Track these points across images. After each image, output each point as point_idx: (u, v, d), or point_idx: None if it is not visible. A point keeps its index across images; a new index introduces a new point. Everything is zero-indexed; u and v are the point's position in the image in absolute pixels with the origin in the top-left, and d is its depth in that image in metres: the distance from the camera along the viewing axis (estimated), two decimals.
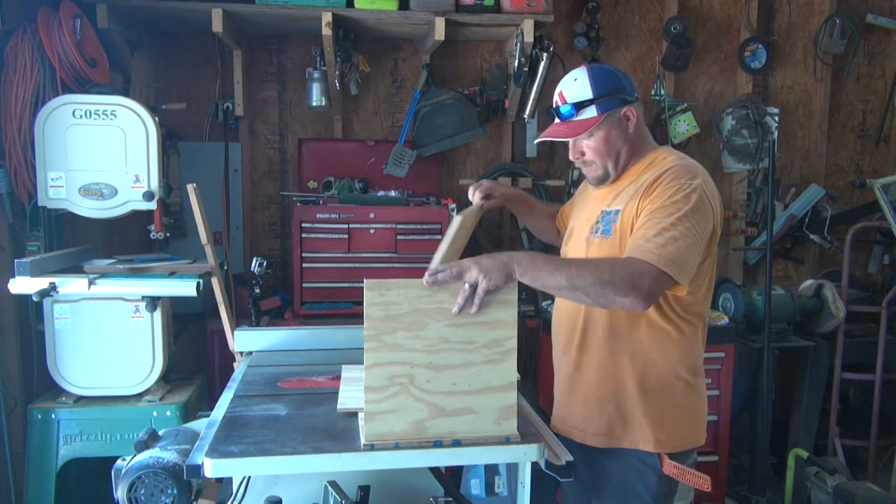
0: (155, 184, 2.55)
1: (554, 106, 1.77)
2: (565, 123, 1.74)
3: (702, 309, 1.72)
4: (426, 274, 1.37)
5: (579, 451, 1.75)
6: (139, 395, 2.65)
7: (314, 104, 3.31)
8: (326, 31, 3.01)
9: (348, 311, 3.12)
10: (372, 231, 3.13)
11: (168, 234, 2.80)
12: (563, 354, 1.84)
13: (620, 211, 1.68)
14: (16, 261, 2.41)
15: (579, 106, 1.70)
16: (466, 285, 1.37)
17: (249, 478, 1.68)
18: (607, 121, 1.70)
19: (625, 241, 1.62)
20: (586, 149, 1.74)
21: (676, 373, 1.69)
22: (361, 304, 1.33)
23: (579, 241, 1.81)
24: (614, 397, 1.71)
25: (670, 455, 1.67)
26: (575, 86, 1.72)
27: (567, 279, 1.45)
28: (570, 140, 1.75)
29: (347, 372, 1.76)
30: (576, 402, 1.79)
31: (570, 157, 1.79)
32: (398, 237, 3.15)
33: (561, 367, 1.86)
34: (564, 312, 1.83)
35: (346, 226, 3.11)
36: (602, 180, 1.78)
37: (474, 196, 1.95)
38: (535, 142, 1.89)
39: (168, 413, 2.62)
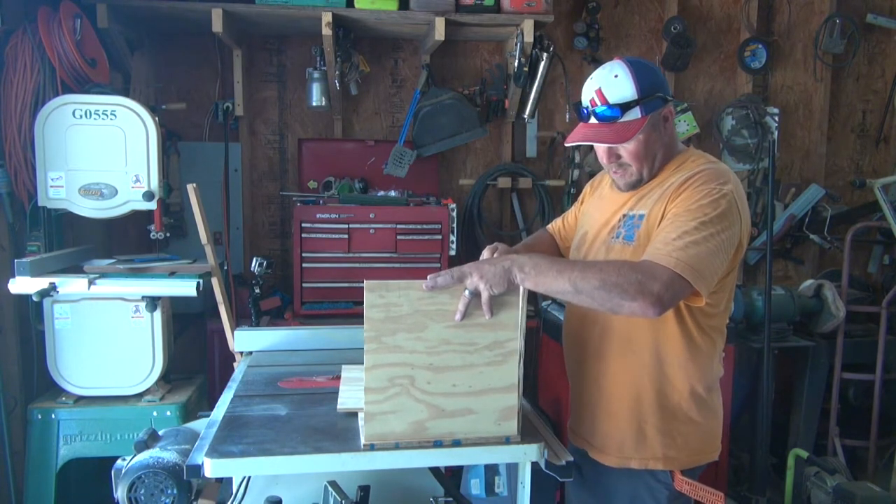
0: (155, 184, 2.55)
1: (589, 105, 1.60)
2: (607, 126, 1.57)
3: (721, 324, 1.66)
4: (427, 278, 1.35)
5: (590, 463, 1.74)
6: (139, 395, 2.65)
7: (314, 104, 3.31)
8: (326, 31, 3.01)
9: (348, 311, 3.12)
10: (372, 231, 3.13)
11: (168, 234, 2.80)
12: (576, 364, 1.78)
13: (645, 216, 1.59)
14: (16, 261, 2.41)
15: (624, 107, 1.55)
16: (467, 292, 1.36)
17: (249, 478, 1.68)
18: (649, 123, 1.57)
19: (647, 246, 1.52)
20: (624, 153, 1.61)
21: (691, 388, 1.62)
22: (361, 304, 1.33)
23: (597, 245, 1.71)
24: (627, 412, 1.64)
25: (681, 471, 1.63)
26: (617, 84, 1.56)
27: (571, 283, 1.38)
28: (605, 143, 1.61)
29: (347, 372, 1.76)
30: (588, 415, 1.73)
31: (604, 162, 1.66)
32: (398, 237, 3.14)
33: (574, 378, 1.80)
34: (578, 322, 1.75)
35: (346, 226, 3.11)
36: (634, 186, 1.66)
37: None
38: (568, 144, 1.70)
39: (168, 413, 2.62)
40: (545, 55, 3.29)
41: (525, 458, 1.43)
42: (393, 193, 3.35)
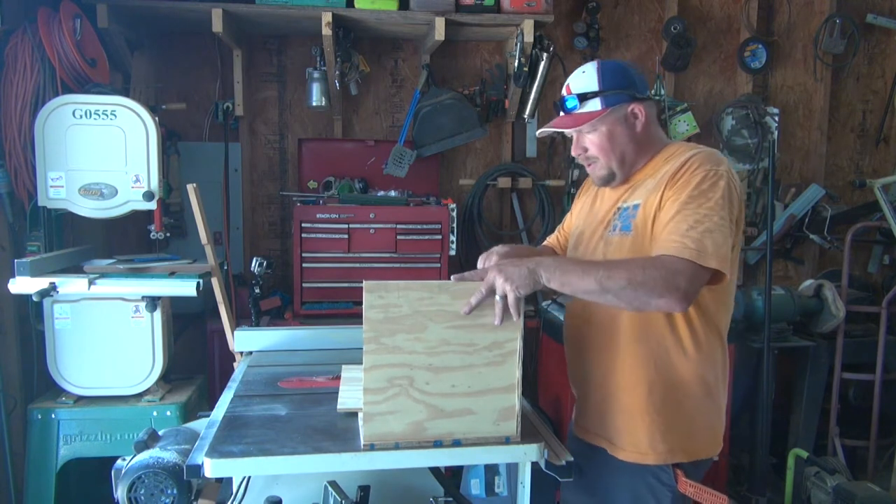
0: (155, 184, 2.55)
1: (560, 99, 1.72)
2: (568, 115, 1.69)
3: (725, 318, 1.67)
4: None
5: (593, 463, 1.73)
6: (139, 395, 2.65)
7: (314, 104, 3.31)
8: (326, 31, 3.01)
9: (348, 311, 3.12)
10: (372, 231, 3.13)
11: (168, 234, 2.80)
12: (580, 362, 1.78)
13: (640, 205, 1.61)
14: (16, 261, 2.41)
15: (583, 97, 1.65)
16: (498, 297, 1.38)
17: (249, 478, 1.68)
18: (611, 116, 1.64)
19: (646, 235, 1.57)
20: (589, 144, 1.68)
21: (697, 381, 1.63)
22: (361, 304, 1.33)
23: (594, 241, 1.73)
24: (639, 406, 1.64)
25: (685, 465, 1.63)
26: (582, 77, 1.68)
27: (597, 282, 1.40)
28: (574, 135, 1.70)
29: (347, 372, 1.76)
30: (597, 411, 1.73)
31: (573, 153, 1.74)
32: (398, 237, 3.15)
33: (578, 376, 1.80)
34: (580, 320, 1.75)
35: (346, 226, 3.11)
36: (607, 181, 1.72)
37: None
38: (538, 134, 1.82)
39: (168, 413, 2.62)
40: (545, 55, 3.29)
41: (525, 458, 1.43)
42: (393, 193, 3.35)
